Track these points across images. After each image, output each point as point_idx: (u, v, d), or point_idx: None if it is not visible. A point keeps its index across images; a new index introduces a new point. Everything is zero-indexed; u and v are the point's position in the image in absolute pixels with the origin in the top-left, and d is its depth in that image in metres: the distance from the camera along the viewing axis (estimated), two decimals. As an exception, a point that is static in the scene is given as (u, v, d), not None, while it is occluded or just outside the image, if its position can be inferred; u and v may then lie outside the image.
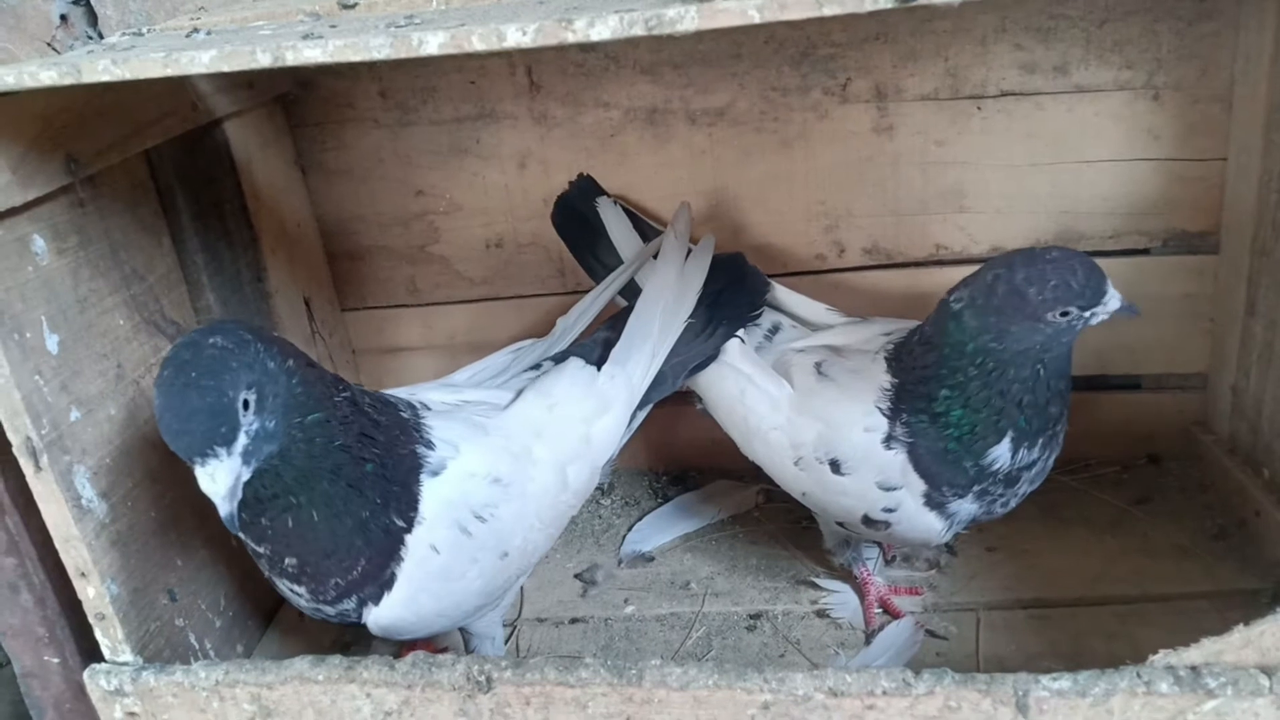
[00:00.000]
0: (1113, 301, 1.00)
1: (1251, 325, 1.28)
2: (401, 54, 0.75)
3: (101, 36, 1.35)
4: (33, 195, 0.92)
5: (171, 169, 1.16)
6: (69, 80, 0.79)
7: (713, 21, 0.71)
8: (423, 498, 0.99)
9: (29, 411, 0.91)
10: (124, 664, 1.01)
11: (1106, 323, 1.02)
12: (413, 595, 0.98)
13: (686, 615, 1.29)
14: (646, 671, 0.92)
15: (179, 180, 1.17)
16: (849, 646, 1.21)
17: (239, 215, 1.30)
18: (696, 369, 1.23)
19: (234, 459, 0.82)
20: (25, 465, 0.93)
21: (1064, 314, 0.99)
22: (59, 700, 1.17)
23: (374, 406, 0.99)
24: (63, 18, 1.35)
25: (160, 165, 1.15)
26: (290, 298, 1.40)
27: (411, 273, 1.52)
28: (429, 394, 1.11)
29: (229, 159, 1.28)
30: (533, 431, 1.09)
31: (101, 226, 1.04)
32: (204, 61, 0.77)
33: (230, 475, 0.82)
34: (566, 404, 1.13)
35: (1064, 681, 0.86)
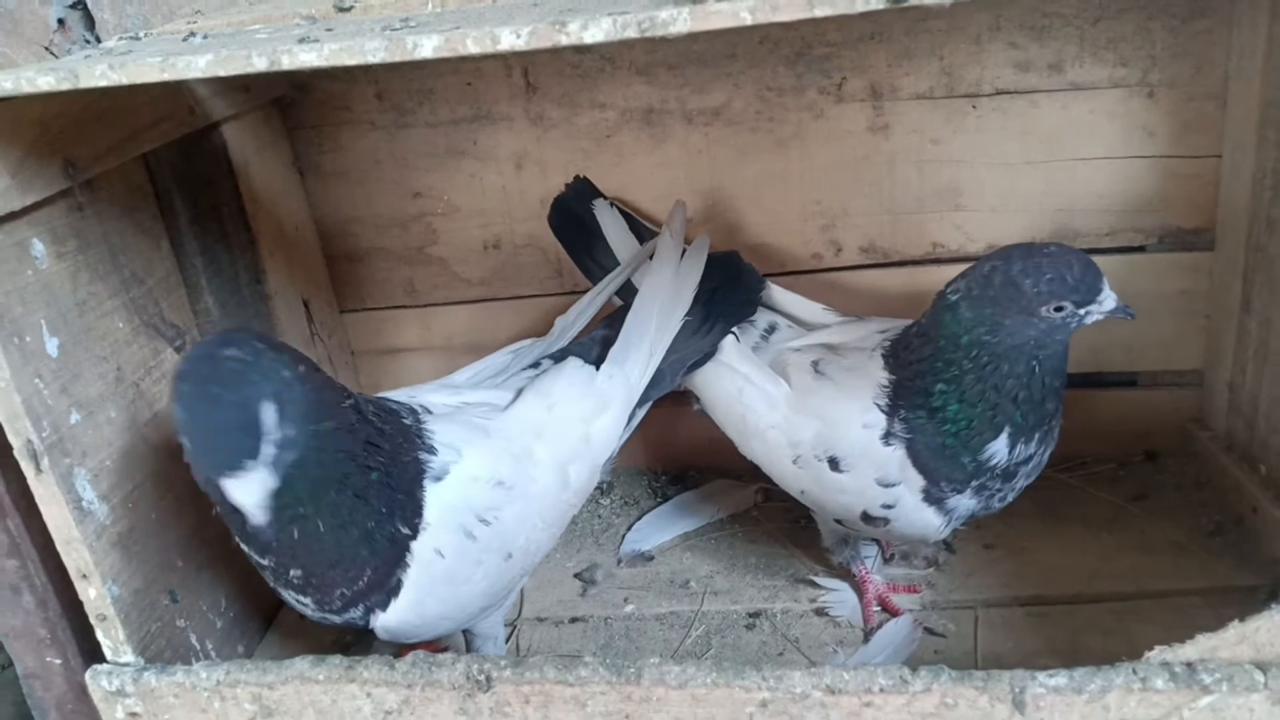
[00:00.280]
0: (1108, 301, 1.01)
1: (1247, 322, 1.28)
2: (396, 57, 0.76)
3: (98, 41, 1.35)
4: (31, 199, 0.93)
5: (169, 172, 1.17)
6: (66, 85, 0.79)
7: (705, 23, 0.72)
8: (426, 503, 0.99)
9: (30, 414, 0.91)
10: (125, 665, 1.01)
11: (1101, 323, 1.03)
12: (419, 600, 0.99)
13: (686, 614, 1.29)
14: (645, 670, 0.92)
15: (177, 183, 1.18)
16: (847, 644, 1.22)
17: (237, 218, 1.30)
18: (694, 366, 1.23)
19: (263, 470, 0.83)
20: (26, 468, 0.93)
21: (1058, 309, 0.99)
22: (61, 701, 1.17)
23: (377, 414, 0.99)
24: (60, 22, 1.35)
25: (158, 169, 1.15)
26: (289, 300, 1.41)
27: (409, 274, 1.52)
28: (429, 396, 1.11)
29: (226, 162, 1.28)
30: (533, 432, 1.10)
31: (100, 230, 1.05)
32: (200, 66, 0.78)
33: (262, 487, 0.83)
34: (566, 404, 1.13)
35: (1060, 678, 0.86)
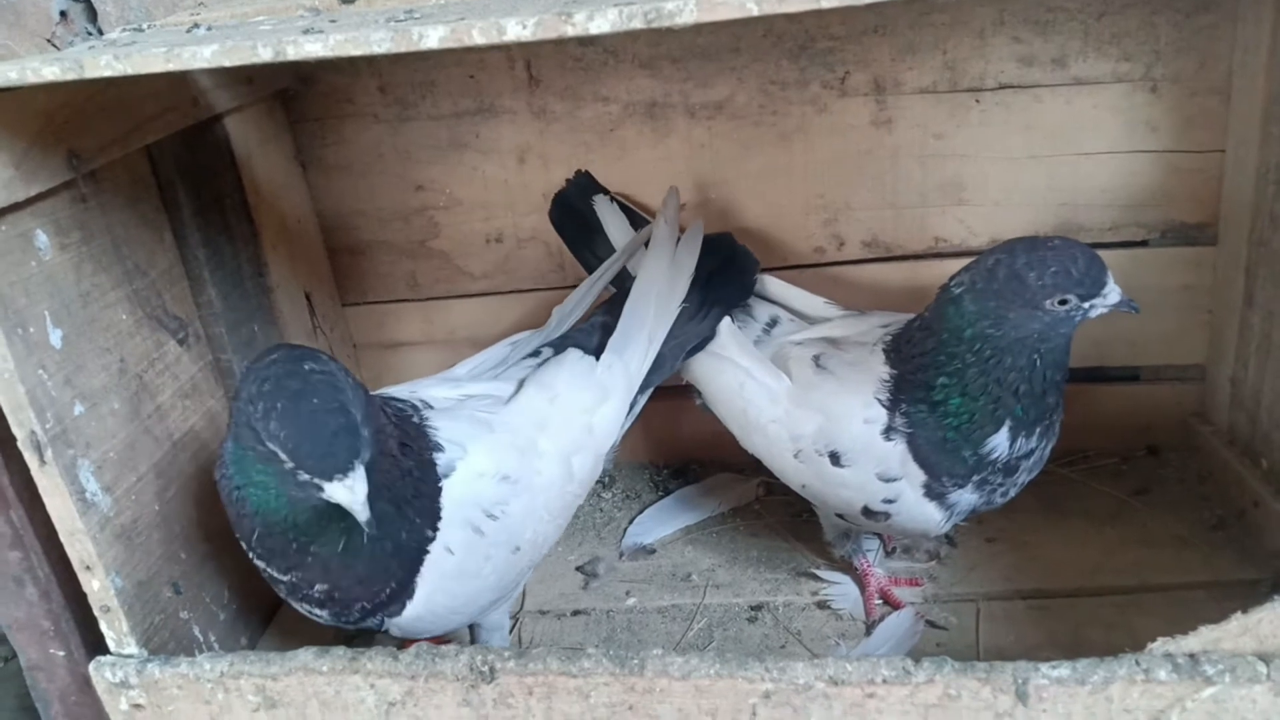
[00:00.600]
0: (1112, 295, 1.01)
1: (1249, 316, 1.29)
2: (402, 48, 0.75)
3: (101, 33, 1.35)
4: (35, 191, 0.93)
5: (172, 164, 1.16)
6: (71, 76, 0.79)
7: (711, 14, 0.72)
8: (441, 503, 0.99)
9: (33, 405, 0.91)
10: (129, 656, 1.01)
11: (1105, 317, 1.03)
12: (429, 596, 0.99)
13: (688, 607, 1.29)
14: (648, 661, 0.92)
15: (180, 176, 1.18)
16: (850, 637, 1.22)
17: (240, 210, 1.30)
18: (694, 350, 1.24)
19: (362, 469, 0.86)
20: (30, 459, 0.93)
21: (1062, 302, 0.99)
22: (65, 693, 1.17)
23: (399, 418, 0.99)
24: (62, 14, 1.35)
25: (161, 161, 1.15)
26: (291, 293, 1.41)
27: (412, 267, 1.52)
28: (430, 390, 1.11)
29: (229, 154, 1.28)
30: (536, 425, 1.10)
31: (103, 222, 1.05)
32: (205, 56, 0.78)
33: (365, 483, 0.85)
34: (568, 395, 1.14)
35: (1063, 669, 0.86)
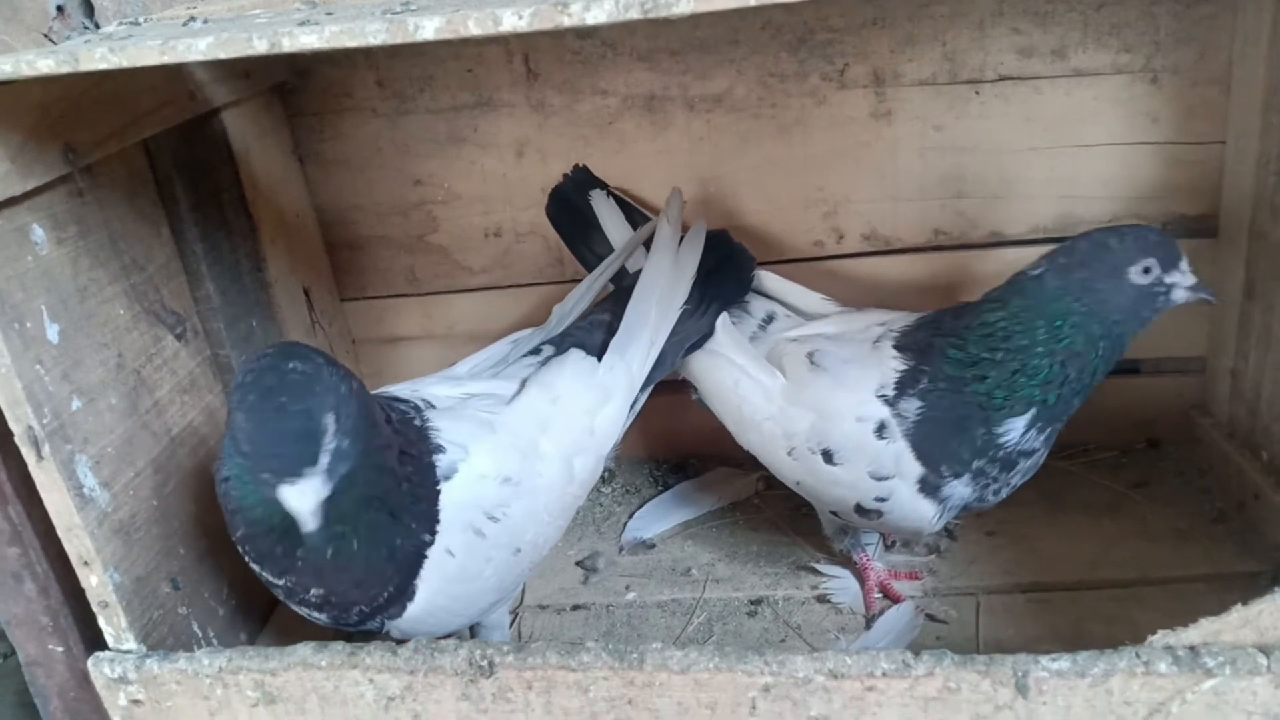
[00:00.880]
0: (1188, 275, 1.02)
1: (1250, 309, 1.28)
2: (398, 39, 0.75)
3: (97, 27, 1.35)
4: (32, 185, 0.92)
5: (169, 159, 1.16)
6: (67, 69, 0.79)
7: (709, 4, 0.71)
8: (441, 506, 0.99)
9: (30, 401, 0.91)
10: (128, 652, 1.01)
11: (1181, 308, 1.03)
12: (430, 598, 0.99)
13: (688, 601, 1.29)
14: (648, 655, 0.92)
15: (177, 170, 1.17)
16: (849, 631, 1.22)
17: (237, 205, 1.30)
18: (694, 347, 1.24)
19: (318, 477, 0.84)
20: (27, 454, 0.93)
21: (1146, 270, 1.01)
22: (63, 689, 1.17)
23: (401, 422, 0.99)
24: (59, 8, 1.35)
25: (158, 155, 1.15)
26: (289, 288, 1.40)
27: (410, 262, 1.52)
28: (432, 389, 1.11)
29: (227, 148, 1.28)
30: (538, 426, 1.09)
31: (100, 216, 1.04)
32: (201, 49, 0.78)
33: (316, 493, 0.84)
34: (569, 397, 1.13)
35: (1063, 662, 0.86)
